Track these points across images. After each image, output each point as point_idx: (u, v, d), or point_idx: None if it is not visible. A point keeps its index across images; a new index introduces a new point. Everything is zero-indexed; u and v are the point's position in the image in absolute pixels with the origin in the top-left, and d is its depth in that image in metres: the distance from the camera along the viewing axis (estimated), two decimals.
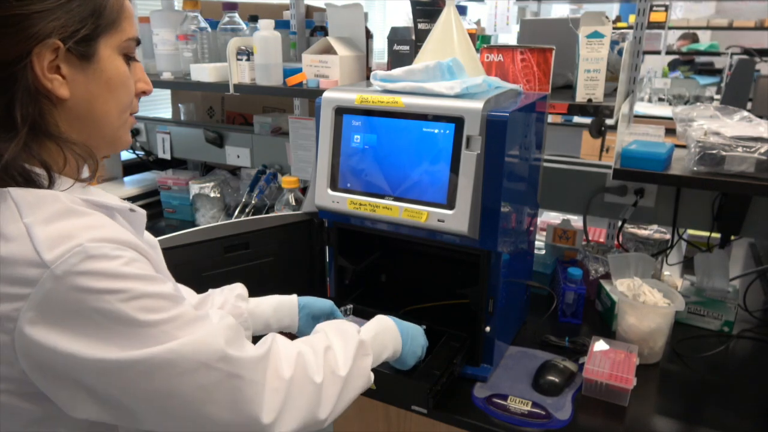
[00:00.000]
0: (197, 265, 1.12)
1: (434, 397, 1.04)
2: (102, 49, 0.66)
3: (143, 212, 0.75)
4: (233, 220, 1.97)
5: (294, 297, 1.06)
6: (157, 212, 2.12)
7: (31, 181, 0.62)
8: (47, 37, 0.60)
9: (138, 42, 0.72)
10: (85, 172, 0.69)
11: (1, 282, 0.57)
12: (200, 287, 1.13)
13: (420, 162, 1.05)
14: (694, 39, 5.18)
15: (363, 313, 1.23)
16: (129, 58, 0.71)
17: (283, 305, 1.04)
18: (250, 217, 1.23)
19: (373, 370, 0.85)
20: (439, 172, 1.03)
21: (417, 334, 1.02)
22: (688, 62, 4.92)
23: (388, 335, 0.93)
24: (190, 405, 0.63)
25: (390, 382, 1.05)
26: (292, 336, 0.91)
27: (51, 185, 0.63)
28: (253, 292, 1.21)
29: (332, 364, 0.77)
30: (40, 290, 0.56)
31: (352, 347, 0.81)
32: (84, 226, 0.60)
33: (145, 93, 0.74)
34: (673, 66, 4.95)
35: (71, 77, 0.64)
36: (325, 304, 1.07)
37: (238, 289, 1.03)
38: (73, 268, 0.56)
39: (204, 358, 0.63)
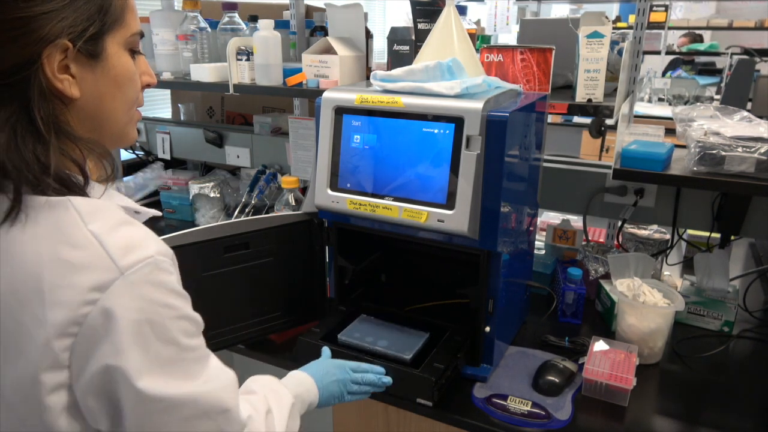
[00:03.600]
0: (197, 266, 1.12)
1: (439, 390, 1.05)
2: (109, 46, 0.65)
3: (152, 212, 0.75)
4: (233, 220, 1.97)
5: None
6: None
7: (68, 185, 0.62)
8: (56, 38, 0.60)
9: (142, 35, 0.71)
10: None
11: (72, 288, 0.57)
12: (200, 287, 1.13)
13: (420, 162, 1.05)
14: (695, 39, 5.17)
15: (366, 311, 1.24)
16: (134, 52, 0.70)
17: None
18: (250, 217, 1.23)
19: (382, 363, 1.01)
20: (439, 172, 1.03)
21: (329, 376, 1.00)
22: (689, 62, 4.92)
23: (306, 391, 0.94)
24: None
25: (395, 376, 1.06)
26: None
27: (85, 187, 0.63)
28: (253, 292, 1.21)
29: (272, 428, 0.79)
30: (111, 295, 0.57)
31: (286, 411, 0.83)
32: (146, 237, 0.62)
33: (150, 85, 0.74)
34: (674, 65, 4.94)
35: (80, 76, 0.63)
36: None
37: None
38: (145, 276, 0.59)
39: (210, 407, 0.64)
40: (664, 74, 4.72)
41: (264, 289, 1.23)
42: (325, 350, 1.09)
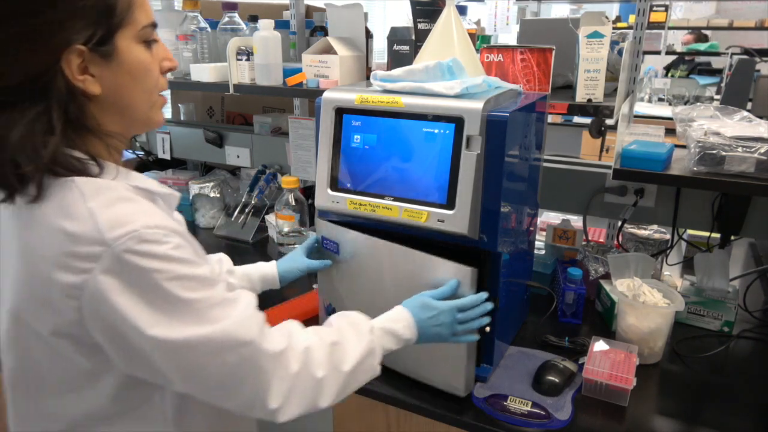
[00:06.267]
0: None
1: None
2: (120, 43, 0.71)
3: (178, 194, 0.83)
4: (233, 220, 1.97)
5: (274, 268, 1.18)
6: None
7: (84, 170, 0.70)
8: (69, 44, 0.67)
9: (155, 25, 0.76)
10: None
11: (71, 256, 0.66)
12: None
13: (420, 162, 1.05)
14: (700, 37, 5.15)
15: None
16: (149, 42, 0.75)
17: (267, 279, 1.17)
18: None
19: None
20: (439, 172, 1.03)
21: (432, 318, 0.97)
22: (689, 61, 4.91)
23: (403, 328, 0.94)
24: (215, 379, 0.72)
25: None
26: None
27: (101, 172, 0.71)
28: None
29: (337, 359, 0.83)
30: (102, 265, 0.65)
31: (363, 346, 0.87)
32: (139, 212, 0.69)
33: (171, 69, 0.80)
34: (675, 65, 4.94)
35: (99, 74, 0.70)
36: (302, 265, 1.19)
37: (226, 263, 1.13)
38: (130, 248, 0.65)
39: (229, 342, 0.71)
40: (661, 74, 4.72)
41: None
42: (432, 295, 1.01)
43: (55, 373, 0.74)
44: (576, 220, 1.71)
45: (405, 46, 1.42)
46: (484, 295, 1.02)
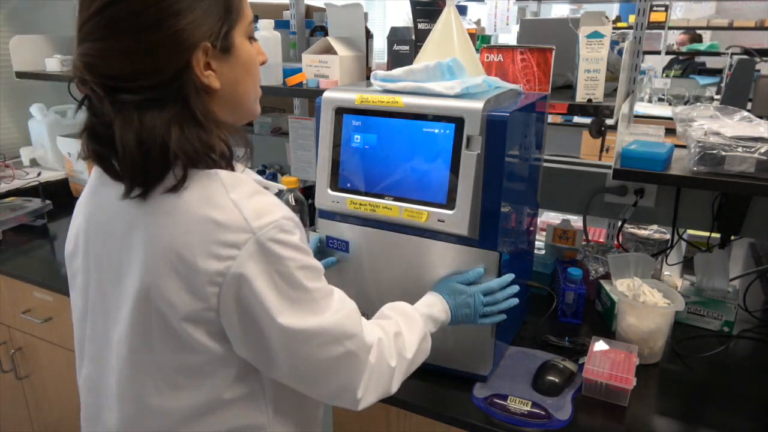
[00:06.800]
0: None
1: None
2: (236, 39, 0.76)
3: (281, 186, 0.86)
4: None
5: None
6: None
7: (219, 163, 0.74)
8: (200, 42, 0.70)
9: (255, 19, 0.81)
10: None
11: (218, 244, 0.69)
12: None
13: (420, 162, 1.05)
14: (695, 37, 5.16)
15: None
16: (251, 38, 0.79)
17: None
18: None
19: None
20: (439, 172, 1.03)
21: (461, 301, 1.04)
22: (684, 61, 4.91)
23: (438, 311, 1.01)
24: (318, 367, 0.77)
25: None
26: None
27: (230, 164, 0.75)
28: None
29: (401, 348, 0.90)
30: (246, 251, 0.69)
31: (418, 333, 0.93)
32: (274, 204, 0.74)
33: (263, 63, 0.84)
34: (669, 65, 4.94)
35: (219, 69, 0.74)
36: None
37: None
38: (273, 236, 0.71)
39: (338, 334, 0.77)
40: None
41: None
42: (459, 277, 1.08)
43: (177, 362, 0.75)
44: (576, 220, 1.71)
45: (405, 46, 1.42)
46: (509, 277, 1.07)
